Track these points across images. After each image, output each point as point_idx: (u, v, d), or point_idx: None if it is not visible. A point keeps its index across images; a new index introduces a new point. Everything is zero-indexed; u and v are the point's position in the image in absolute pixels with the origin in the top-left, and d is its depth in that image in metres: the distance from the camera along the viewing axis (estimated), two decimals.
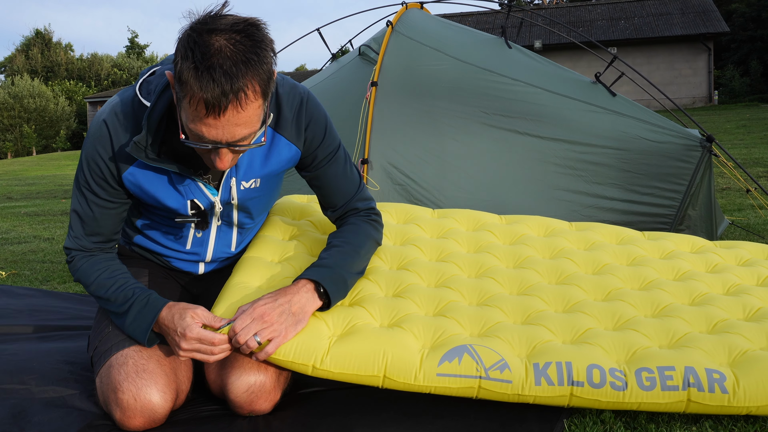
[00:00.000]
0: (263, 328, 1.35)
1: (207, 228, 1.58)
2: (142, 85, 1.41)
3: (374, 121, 2.78)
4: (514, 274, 1.74)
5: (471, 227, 2.04)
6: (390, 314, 1.51)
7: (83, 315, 2.40)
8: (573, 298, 1.63)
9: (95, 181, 1.44)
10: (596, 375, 1.36)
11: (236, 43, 1.17)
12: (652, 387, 1.35)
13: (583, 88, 3.00)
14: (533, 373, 1.37)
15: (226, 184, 1.49)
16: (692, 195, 2.75)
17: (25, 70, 38.52)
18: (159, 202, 1.48)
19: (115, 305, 1.47)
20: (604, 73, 3.11)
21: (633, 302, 1.63)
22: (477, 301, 1.62)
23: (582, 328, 1.50)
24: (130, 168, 1.42)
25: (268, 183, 1.56)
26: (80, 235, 1.50)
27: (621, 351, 1.44)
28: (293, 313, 1.40)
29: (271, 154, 1.50)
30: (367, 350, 1.38)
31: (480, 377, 1.36)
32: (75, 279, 1.54)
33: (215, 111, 1.18)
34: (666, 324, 1.52)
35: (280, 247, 1.71)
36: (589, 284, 1.71)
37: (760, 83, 24.39)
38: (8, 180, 12.62)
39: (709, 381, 1.35)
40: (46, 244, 4.54)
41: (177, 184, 1.46)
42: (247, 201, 1.56)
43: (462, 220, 2.07)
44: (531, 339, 1.45)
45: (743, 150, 8.84)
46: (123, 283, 1.48)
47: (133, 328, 1.44)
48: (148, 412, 1.38)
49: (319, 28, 4.21)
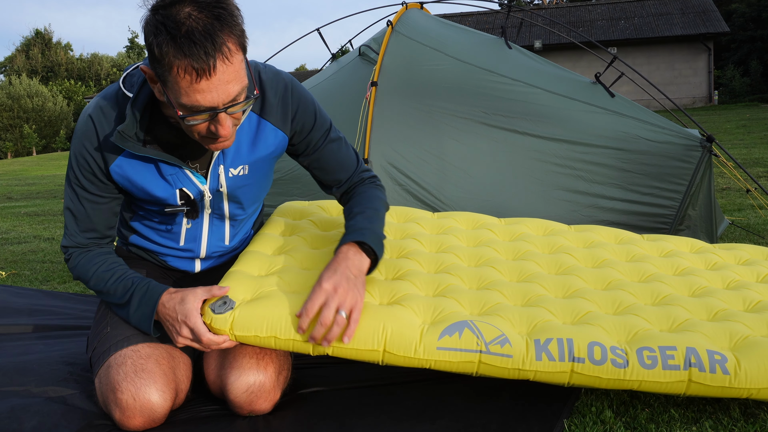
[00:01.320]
0: (342, 300, 1.34)
1: (198, 217, 1.57)
2: (126, 79, 1.42)
3: (374, 121, 2.78)
4: (514, 265, 1.74)
5: (471, 226, 2.05)
6: (390, 294, 1.51)
7: (83, 315, 2.40)
8: (573, 286, 1.64)
9: (84, 176, 1.45)
10: (597, 352, 1.36)
11: (201, 5, 1.18)
12: (653, 365, 1.34)
13: (583, 88, 3.00)
14: (534, 349, 1.37)
15: (214, 172, 1.49)
16: (692, 195, 2.75)
17: (26, 70, 38.52)
18: (147, 193, 1.47)
19: (116, 297, 1.48)
20: (604, 73, 3.11)
21: (633, 291, 1.63)
22: (477, 286, 1.62)
23: (582, 310, 1.51)
24: (116, 160, 1.42)
25: (256, 170, 1.56)
26: (75, 231, 1.51)
27: (622, 332, 1.44)
28: (356, 276, 1.40)
29: (258, 139, 1.51)
30: (367, 325, 1.38)
31: (480, 351, 1.36)
32: (74, 277, 1.54)
33: (206, 72, 1.18)
34: (666, 311, 1.52)
35: (281, 242, 1.72)
36: (589, 275, 1.71)
37: (760, 83, 24.39)
38: (8, 180, 12.62)
39: (710, 362, 1.34)
40: (46, 244, 4.54)
41: (164, 173, 1.46)
42: (236, 189, 1.55)
43: (462, 221, 2.07)
44: (531, 318, 1.46)
45: (743, 150, 8.84)
46: (122, 274, 1.49)
47: (137, 318, 1.45)
48: (147, 411, 1.38)
49: (319, 28, 4.21)
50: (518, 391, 1.56)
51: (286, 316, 1.38)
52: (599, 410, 1.48)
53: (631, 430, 1.40)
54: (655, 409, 1.48)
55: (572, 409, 1.49)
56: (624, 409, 1.49)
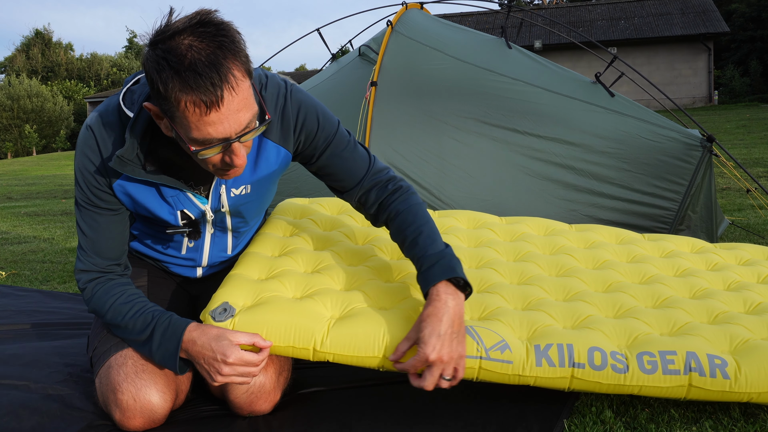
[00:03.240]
0: (447, 368, 1.32)
1: (200, 238, 1.55)
2: (126, 95, 1.36)
3: (374, 121, 2.78)
4: (514, 266, 1.74)
5: (472, 225, 2.05)
6: (389, 298, 1.50)
7: (83, 315, 2.40)
8: (573, 289, 1.64)
9: (91, 191, 1.40)
10: (597, 357, 1.36)
11: (201, 35, 1.14)
12: (653, 370, 1.34)
13: (583, 88, 3.00)
14: (534, 354, 1.36)
15: (215, 192, 1.46)
16: (693, 195, 2.74)
17: (26, 70, 38.52)
18: (150, 212, 1.45)
19: (135, 332, 1.40)
20: (604, 73, 3.11)
21: (633, 293, 1.63)
22: (477, 288, 1.62)
23: (583, 314, 1.51)
24: (118, 180, 1.39)
25: (259, 188, 1.53)
26: (89, 251, 1.44)
27: (622, 336, 1.43)
28: (457, 332, 1.32)
29: (260, 159, 1.46)
30: (367, 332, 1.37)
31: (480, 357, 1.35)
32: (89, 310, 1.48)
33: (215, 104, 1.14)
34: (667, 314, 1.52)
35: (281, 243, 1.71)
36: (590, 277, 1.71)
37: (760, 83, 24.40)
38: (8, 180, 12.62)
39: (710, 366, 1.34)
40: (46, 244, 4.54)
41: (165, 195, 1.43)
42: (239, 206, 1.52)
43: (462, 219, 2.07)
44: (532, 323, 1.45)
45: (743, 150, 8.84)
46: (141, 307, 1.41)
47: (161, 355, 1.37)
48: (147, 412, 1.38)
49: (319, 28, 4.21)
50: (518, 391, 1.56)
51: (284, 322, 1.38)
52: (599, 410, 1.48)
53: (631, 430, 1.40)
54: (655, 409, 1.48)
55: (572, 409, 1.49)
56: (624, 409, 1.49)
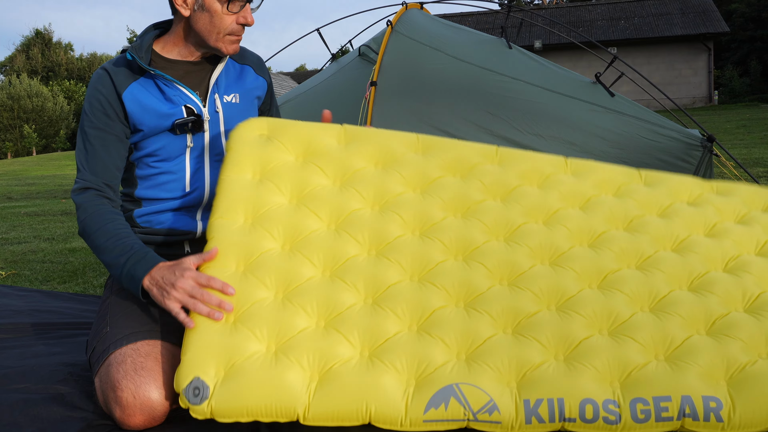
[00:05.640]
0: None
1: (202, 131, 1.70)
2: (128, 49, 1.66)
3: (374, 121, 2.78)
4: (503, 258, 1.59)
5: (456, 173, 1.76)
6: (369, 340, 1.43)
7: (83, 315, 2.40)
8: (566, 293, 1.54)
9: (95, 115, 1.62)
10: (589, 411, 1.33)
11: None
12: (646, 419, 1.33)
13: (583, 87, 3.01)
14: (524, 412, 1.33)
15: (211, 97, 1.72)
16: None
17: (26, 71, 38.52)
18: (156, 111, 1.64)
19: (113, 255, 1.51)
20: (604, 73, 3.11)
21: (629, 292, 1.55)
22: (464, 300, 1.52)
23: (575, 339, 1.45)
24: (128, 87, 1.62)
25: (245, 101, 1.80)
26: (86, 170, 1.61)
27: (615, 371, 1.39)
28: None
29: (242, 76, 1.81)
30: (349, 402, 1.33)
31: (468, 419, 1.33)
32: (79, 230, 1.59)
33: None
34: (663, 326, 1.48)
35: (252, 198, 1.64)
36: (584, 267, 1.60)
37: (760, 83, 24.41)
38: (8, 180, 12.62)
39: (705, 410, 1.33)
40: (46, 244, 4.54)
41: (169, 95, 1.66)
42: (230, 119, 1.74)
43: (447, 165, 1.76)
44: (521, 363, 1.40)
45: (743, 150, 8.84)
46: (125, 237, 1.54)
47: (127, 277, 1.48)
48: (147, 409, 1.38)
49: (319, 28, 4.21)
50: None
51: (264, 400, 1.32)
52: None
53: None
54: None
55: None
56: None
